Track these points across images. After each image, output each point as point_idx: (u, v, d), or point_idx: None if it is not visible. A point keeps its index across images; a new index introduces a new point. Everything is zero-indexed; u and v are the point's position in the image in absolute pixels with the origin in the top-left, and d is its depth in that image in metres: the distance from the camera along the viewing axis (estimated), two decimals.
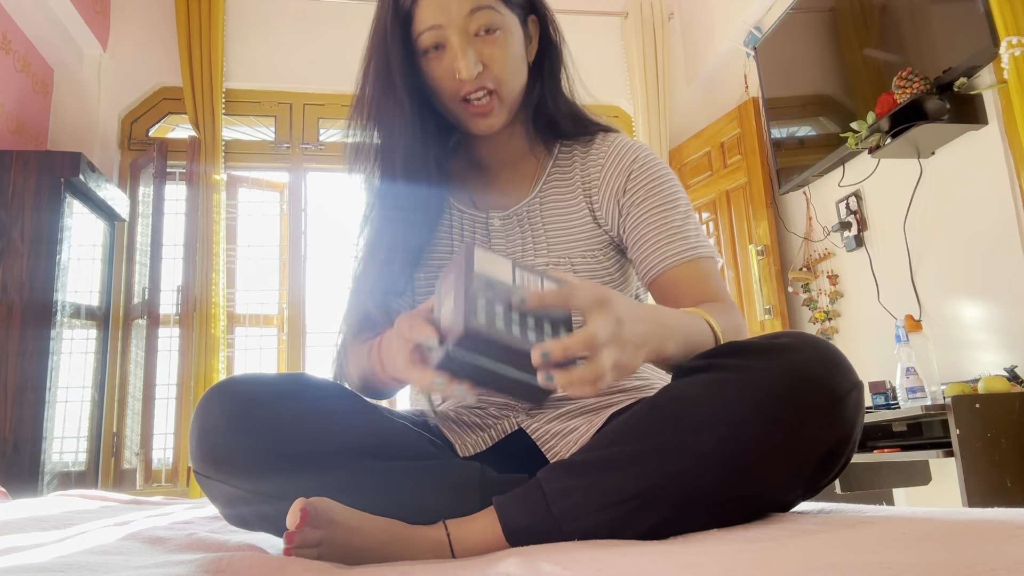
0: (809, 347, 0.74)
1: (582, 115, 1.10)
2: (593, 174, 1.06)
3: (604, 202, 1.04)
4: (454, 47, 0.94)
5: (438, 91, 0.99)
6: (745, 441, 0.70)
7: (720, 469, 0.70)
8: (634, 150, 1.05)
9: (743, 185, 3.48)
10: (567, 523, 0.72)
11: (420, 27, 0.95)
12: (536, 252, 1.04)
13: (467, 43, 0.94)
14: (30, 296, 2.76)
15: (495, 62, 0.96)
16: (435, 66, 0.97)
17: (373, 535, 0.74)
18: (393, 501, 0.78)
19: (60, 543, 0.90)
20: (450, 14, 0.94)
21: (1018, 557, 0.47)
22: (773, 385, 0.71)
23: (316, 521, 0.71)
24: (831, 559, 0.49)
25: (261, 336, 3.65)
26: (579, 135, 1.09)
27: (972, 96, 2.24)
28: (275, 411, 0.80)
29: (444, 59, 0.96)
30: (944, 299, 2.44)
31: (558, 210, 1.06)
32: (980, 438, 1.88)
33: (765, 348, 0.75)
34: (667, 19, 4.07)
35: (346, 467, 0.80)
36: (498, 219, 1.06)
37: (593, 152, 1.08)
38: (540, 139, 1.10)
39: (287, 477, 0.77)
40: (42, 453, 2.67)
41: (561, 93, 1.08)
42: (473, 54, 0.94)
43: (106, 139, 3.55)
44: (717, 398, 0.72)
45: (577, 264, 1.03)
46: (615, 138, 1.08)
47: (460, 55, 0.94)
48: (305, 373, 0.95)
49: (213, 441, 0.80)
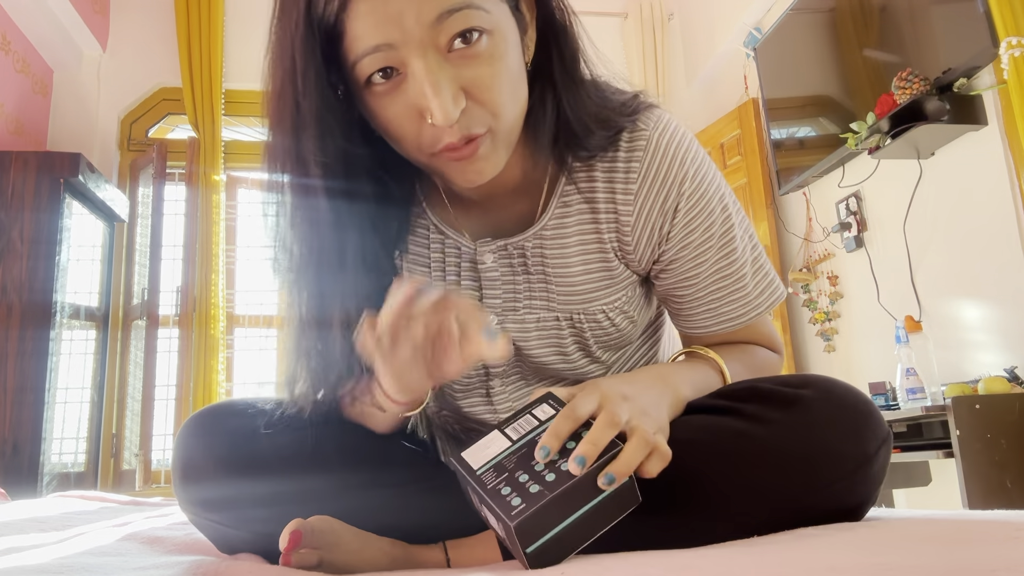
0: (836, 400, 0.69)
1: (611, 115, 0.78)
2: (622, 203, 0.79)
3: (641, 246, 0.81)
4: (419, 77, 0.63)
5: (401, 143, 0.69)
6: (763, 506, 0.66)
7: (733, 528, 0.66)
8: (677, 169, 0.78)
9: (743, 186, 3.48)
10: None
11: (357, 49, 0.63)
12: (541, 304, 0.82)
13: (439, 68, 0.63)
14: (29, 297, 2.75)
15: (483, 88, 0.65)
16: (390, 108, 0.66)
17: (373, 558, 0.72)
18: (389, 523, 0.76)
19: (59, 544, 0.89)
20: (404, 26, 0.61)
21: (1018, 558, 0.47)
22: (796, 449, 0.66)
23: (315, 542, 0.69)
24: (830, 561, 0.49)
25: (260, 337, 3.65)
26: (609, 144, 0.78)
27: (972, 97, 2.24)
28: (259, 445, 0.77)
29: (404, 96, 0.65)
30: (944, 300, 2.44)
31: (573, 246, 0.81)
32: (980, 439, 1.88)
33: (790, 400, 0.69)
34: (667, 20, 4.07)
35: (338, 494, 0.77)
36: (489, 254, 0.81)
37: (619, 170, 0.78)
38: (551, 152, 0.79)
39: (277, 513, 0.72)
40: (41, 454, 2.67)
41: (582, 94, 0.77)
42: (450, 85, 0.63)
43: (106, 140, 3.55)
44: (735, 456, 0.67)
45: (594, 321, 0.83)
46: (645, 143, 0.78)
47: (431, 90, 0.62)
48: None
49: (195, 479, 0.77)
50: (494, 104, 0.66)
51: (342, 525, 0.72)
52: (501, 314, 0.83)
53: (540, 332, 0.83)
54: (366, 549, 0.72)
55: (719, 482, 0.67)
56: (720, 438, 0.68)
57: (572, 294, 0.82)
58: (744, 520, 0.67)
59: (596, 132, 0.77)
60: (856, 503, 0.70)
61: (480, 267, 0.82)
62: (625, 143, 0.78)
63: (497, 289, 0.82)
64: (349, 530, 0.73)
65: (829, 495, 0.67)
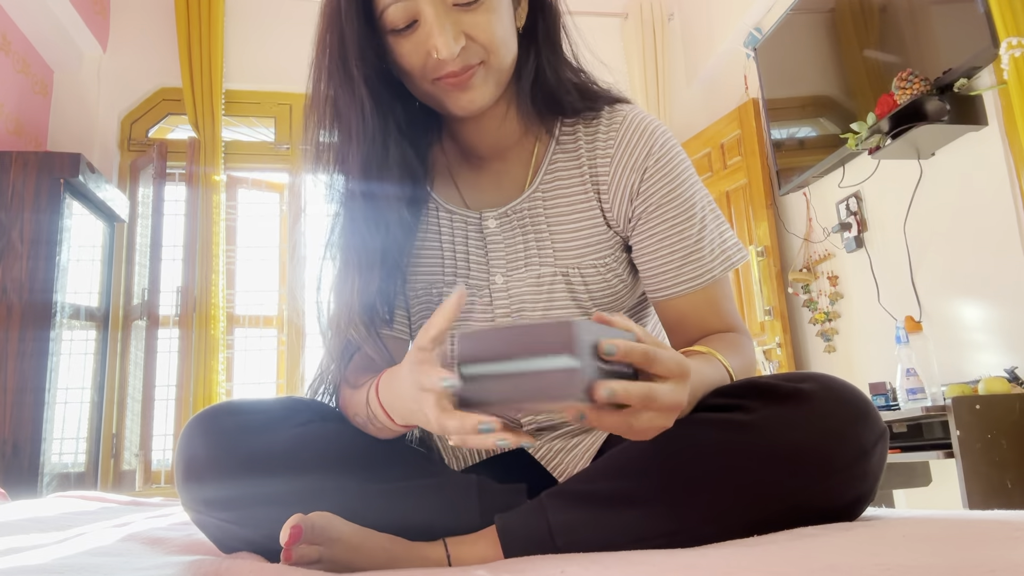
0: (835, 396, 0.71)
1: (590, 87, 0.94)
2: (602, 165, 0.91)
3: (616, 202, 0.90)
4: (429, 21, 0.79)
5: (410, 74, 0.84)
6: (765, 496, 0.67)
7: (735, 521, 0.67)
8: (648, 136, 0.90)
9: (743, 186, 3.48)
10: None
11: (384, 1, 0.80)
12: (541, 260, 0.91)
13: (445, 15, 0.79)
14: (29, 297, 2.75)
15: (480, 31, 0.81)
16: (405, 46, 0.82)
17: (373, 554, 0.72)
18: (390, 519, 0.76)
19: (60, 544, 0.89)
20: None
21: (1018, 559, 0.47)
22: (796, 442, 0.68)
23: (315, 537, 0.69)
24: (830, 561, 0.49)
25: (261, 337, 3.65)
26: (587, 110, 0.93)
27: (972, 97, 2.24)
28: (259, 444, 0.78)
29: (416, 36, 0.81)
30: (944, 300, 2.44)
31: (564, 206, 0.92)
32: (980, 439, 1.88)
33: (790, 394, 0.71)
34: (667, 20, 4.07)
35: (339, 492, 0.77)
36: (493, 219, 0.92)
37: (600, 135, 0.92)
38: (539, 118, 0.93)
39: (278, 511, 0.72)
40: (41, 454, 2.67)
41: (562, 60, 0.92)
42: (453, 27, 0.79)
43: (106, 140, 3.55)
44: (737, 450, 0.69)
45: (588, 275, 0.90)
46: (623, 116, 0.92)
47: (437, 30, 0.78)
48: (294, 397, 0.87)
49: (197, 475, 0.78)
50: (488, 43, 0.81)
51: (342, 521, 0.73)
52: (506, 273, 0.91)
53: (540, 288, 0.91)
54: (366, 545, 0.73)
55: (720, 475, 0.68)
56: (721, 433, 0.70)
57: (569, 248, 0.90)
58: (745, 514, 0.67)
59: (571, 92, 0.92)
60: (855, 496, 0.70)
61: (485, 231, 0.92)
62: (606, 116, 0.92)
63: (501, 250, 0.92)
64: (349, 526, 0.73)
65: (828, 487, 0.68)
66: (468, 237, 0.93)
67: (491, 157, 0.94)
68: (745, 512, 0.67)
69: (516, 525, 0.73)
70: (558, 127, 0.94)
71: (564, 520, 0.71)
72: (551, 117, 0.93)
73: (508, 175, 0.94)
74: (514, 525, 0.73)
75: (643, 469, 0.71)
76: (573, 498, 0.72)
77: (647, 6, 3.99)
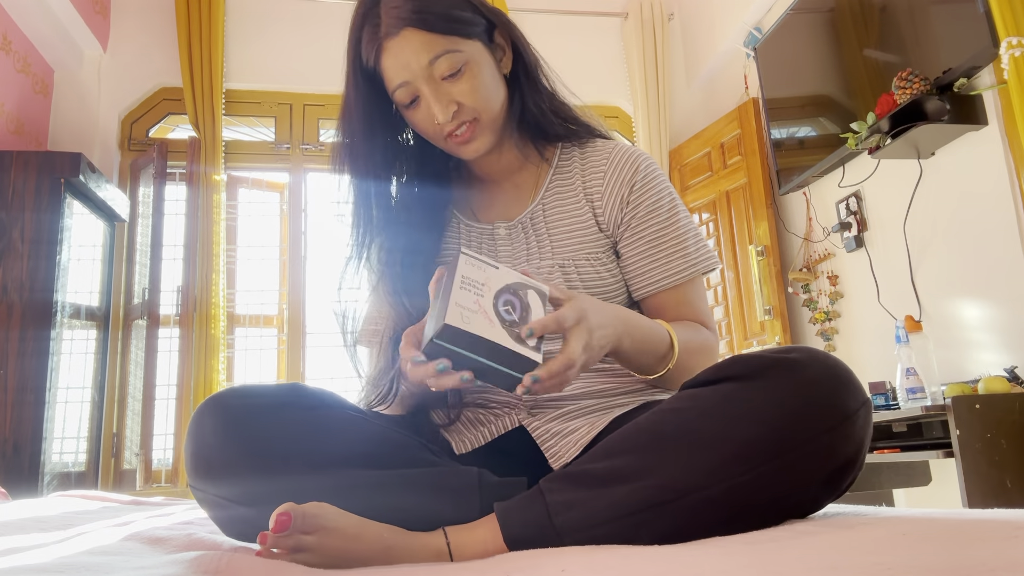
0: (819, 364, 0.74)
1: (569, 112, 1.12)
2: (594, 180, 1.08)
3: (608, 209, 1.06)
4: (426, 96, 0.98)
5: (426, 135, 1.04)
6: (753, 460, 0.70)
7: (726, 487, 0.70)
8: (635, 159, 1.07)
9: (743, 186, 3.48)
10: (569, 535, 0.72)
11: (391, 85, 0.99)
12: (541, 256, 1.06)
13: (436, 90, 0.98)
14: (30, 296, 2.75)
15: (466, 96, 0.98)
16: (416, 116, 1.02)
17: (371, 542, 0.73)
18: (390, 509, 0.77)
19: (61, 543, 0.89)
20: (412, 69, 0.97)
21: (1018, 558, 0.47)
22: (782, 402, 0.71)
23: (307, 526, 0.70)
24: (830, 560, 0.49)
25: (261, 337, 3.65)
26: (572, 135, 1.12)
27: (972, 97, 2.24)
28: (267, 424, 0.81)
29: (421, 108, 1.00)
30: (944, 299, 2.44)
31: (562, 214, 1.08)
32: (980, 439, 1.88)
33: (774, 363, 0.74)
34: (667, 19, 4.07)
35: (341, 477, 0.80)
36: (504, 228, 1.09)
37: (592, 157, 1.10)
38: (533, 146, 1.12)
39: (282, 491, 0.75)
40: (42, 454, 2.67)
41: (542, 94, 1.09)
42: (444, 98, 0.98)
43: (106, 139, 3.55)
44: (725, 414, 0.72)
45: (582, 267, 1.04)
46: (615, 145, 1.10)
47: (433, 102, 0.98)
48: (299, 383, 0.93)
49: (206, 457, 0.81)
50: (474, 104, 1.00)
51: (336, 511, 0.74)
52: (512, 265, 1.05)
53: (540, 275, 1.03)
54: (364, 534, 0.73)
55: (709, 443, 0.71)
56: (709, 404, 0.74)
57: (565, 246, 1.06)
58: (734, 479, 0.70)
59: (553, 121, 1.10)
60: (843, 461, 0.72)
61: (496, 238, 1.10)
62: (600, 145, 1.12)
63: (508, 250, 1.09)
64: (345, 515, 0.74)
65: (815, 450, 0.71)
66: (482, 244, 1.10)
67: (499, 181, 1.13)
68: (734, 478, 0.70)
69: (515, 508, 0.76)
70: (557, 154, 1.13)
71: (561, 500, 0.74)
72: (545, 144, 1.13)
73: (515, 195, 1.12)
74: (513, 509, 0.76)
75: (634, 447, 0.75)
76: (569, 480, 0.76)
77: (647, 6, 3.99)
